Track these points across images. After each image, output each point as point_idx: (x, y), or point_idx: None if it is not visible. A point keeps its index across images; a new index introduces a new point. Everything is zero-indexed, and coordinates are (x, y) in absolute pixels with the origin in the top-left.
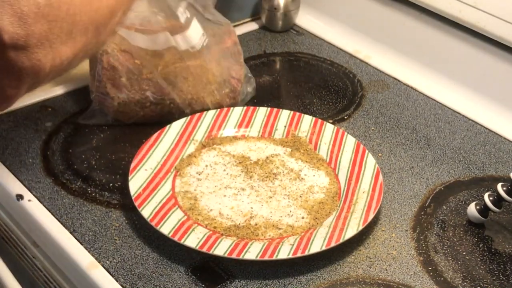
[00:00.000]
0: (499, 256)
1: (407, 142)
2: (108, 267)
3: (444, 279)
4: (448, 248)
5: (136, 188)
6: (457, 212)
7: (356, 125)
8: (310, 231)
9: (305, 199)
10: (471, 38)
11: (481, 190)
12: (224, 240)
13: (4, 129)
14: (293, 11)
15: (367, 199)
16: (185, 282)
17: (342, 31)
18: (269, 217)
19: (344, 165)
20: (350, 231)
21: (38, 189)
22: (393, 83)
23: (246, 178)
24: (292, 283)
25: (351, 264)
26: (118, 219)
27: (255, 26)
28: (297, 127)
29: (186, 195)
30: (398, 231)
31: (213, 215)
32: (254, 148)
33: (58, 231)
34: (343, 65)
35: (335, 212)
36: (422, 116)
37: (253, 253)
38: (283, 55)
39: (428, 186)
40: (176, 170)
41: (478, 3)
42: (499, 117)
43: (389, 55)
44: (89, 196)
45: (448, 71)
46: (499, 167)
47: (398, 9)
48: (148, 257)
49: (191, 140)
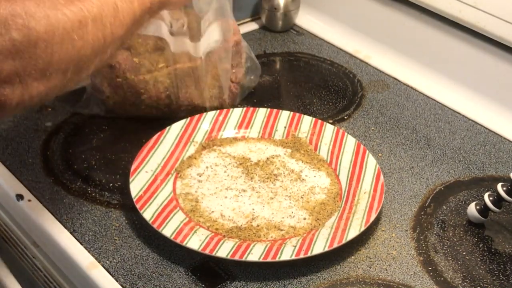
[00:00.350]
0: (499, 256)
1: (407, 142)
2: (108, 267)
3: (444, 279)
4: (448, 248)
5: (137, 190)
6: (457, 212)
7: (356, 125)
8: (312, 232)
9: (307, 200)
10: (471, 38)
11: (481, 190)
12: (227, 242)
13: (4, 129)
14: (293, 11)
15: (369, 200)
16: (185, 282)
17: (342, 31)
18: (271, 219)
19: (344, 166)
20: (352, 231)
21: (38, 189)
22: (393, 83)
23: (247, 179)
24: (292, 283)
25: (351, 264)
26: (118, 219)
27: (255, 26)
28: (297, 127)
29: (187, 197)
30: (398, 231)
31: (215, 217)
32: (254, 149)
33: (58, 231)
34: (343, 65)
35: (336, 213)
36: (422, 116)
37: (256, 255)
38: (283, 55)
39: (428, 186)
40: (177, 172)
41: (478, 3)
42: (499, 117)
43: (389, 55)
44: (89, 196)
45: (448, 71)
46: (499, 167)
47: (398, 9)
48: (148, 257)
49: (191, 141)
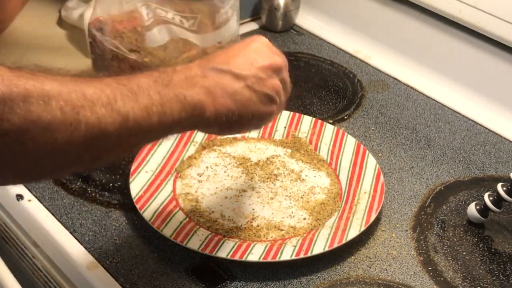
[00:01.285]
0: (499, 256)
1: (407, 142)
2: (108, 267)
3: (444, 279)
4: (448, 248)
5: (137, 190)
6: (457, 212)
7: (356, 125)
8: (312, 232)
9: (307, 200)
10: (471, 38)
11: (481, 190)
12: (227, 242)
13: None
14: (293, 11)
15: (369, 200)
16: (185, 282)
17: (342, 31)
18: (271, 219)
19: (344, 166)
20: (353, 231)
21: (38, 189)
22: (393, 83)
23: (247, 180)
24: (292, 283)
25: (351, 264)
26: (118, 219)
27: (255, 26)
28: (297, 128)
29: (187, 197)
30: (398, 231)
31: (215, 217)
32: (254, 149)
33: (58, 231)
34: (343, 65)
35: (336, 213)
36: (422, 116)
37: (256, 255)
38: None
39: (428, 186)
40: (177, 172)
41: (478, 3)
42: (499, 117)
43: (389, 55)
44: (89, 196)
45: (448, 71)
46: (499, 167)
47: (398, 9)
48: (148, 257)
49: (191, 141)
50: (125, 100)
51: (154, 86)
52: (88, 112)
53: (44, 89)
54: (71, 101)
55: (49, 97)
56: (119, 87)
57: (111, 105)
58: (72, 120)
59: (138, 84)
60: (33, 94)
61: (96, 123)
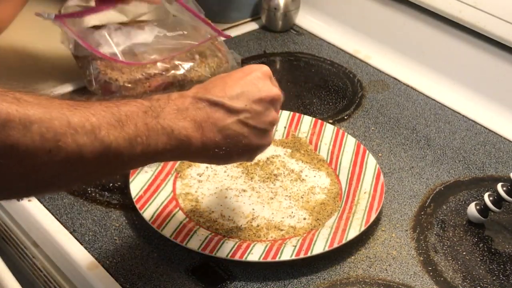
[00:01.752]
0: (499, 256)
1: (407, 142)
2: (108, 267)
3: (444, 279)
4: (448, 248)
5: (137, 190)
6: (457, 212)
7: (356, 125)
8: (312, 232)
9: (307, 200)
10: (471, 38)
11: (481, 190)
12: (227, 242)
13: None
14: (293, 11)
15: (369, 200)
16: (185, 282)
17: (342, 31)
18: (271, 219)
19: (344, 166)
20: (352, 231)
21: None
22: (393, 83)
23: (247, 180)
24: (292, 283)
25: (351, 264)
26: (118, 219)
27: (255, 26)
28: (297, 127)
29: (187, 197)
30: (398, 231)
31: (215, 217)
32: None
33: (58, 231)
34: (343, 65)
35: (336, 213)
36: (422, 116)
37: (256, 255)
38: (283, 55)
39: (428, 186)
40: (177, 172)
41: (478, 3)
42: (499, 117)
43: (389, 55)
44: (89, 196)
45: (448, 71)
46: (499, 167)
47: (398, 9)
48: (148, 257)
49: None
50: (110, 129)
51: (143, 116)
52: (69, 139)
53: (27, 114)
54: (53, 128)
55: (30, 122)
56: (107, 115)
57: (94, 133)
58: (51, 146)
59: (126, 114)
60: (15, 119)
61: (76, 150)
